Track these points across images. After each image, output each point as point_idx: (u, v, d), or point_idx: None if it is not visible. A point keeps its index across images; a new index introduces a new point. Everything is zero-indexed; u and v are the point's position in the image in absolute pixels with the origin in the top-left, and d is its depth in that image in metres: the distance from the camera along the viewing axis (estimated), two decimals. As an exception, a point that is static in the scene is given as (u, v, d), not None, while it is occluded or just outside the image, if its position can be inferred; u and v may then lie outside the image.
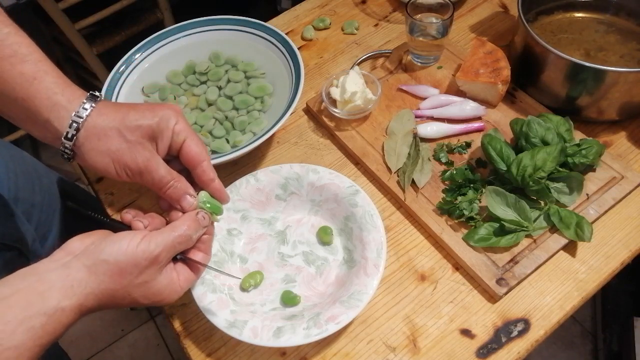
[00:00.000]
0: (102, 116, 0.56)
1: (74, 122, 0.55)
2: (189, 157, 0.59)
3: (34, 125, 0.56)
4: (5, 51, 0.53)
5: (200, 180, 0.59)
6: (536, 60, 0.79)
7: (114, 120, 0.56)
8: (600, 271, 0.68)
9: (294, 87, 0.79)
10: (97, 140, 0.55)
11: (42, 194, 0.89)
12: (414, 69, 0.89)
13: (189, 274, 0.57)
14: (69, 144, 0.55)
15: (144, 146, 0.56)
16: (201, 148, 0.59)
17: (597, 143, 0.72)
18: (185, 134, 0.58)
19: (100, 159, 0.56)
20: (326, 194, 0.72)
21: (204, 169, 0.59)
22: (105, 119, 0.56)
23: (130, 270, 0.51)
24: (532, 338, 0.64)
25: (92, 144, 0.55)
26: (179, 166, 0.60)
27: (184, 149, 0.58)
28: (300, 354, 0.65)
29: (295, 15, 1.04)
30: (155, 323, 1.59)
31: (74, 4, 1.47)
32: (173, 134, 0.58)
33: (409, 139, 0.80)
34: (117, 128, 0.56)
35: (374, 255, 0.65)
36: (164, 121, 0.57)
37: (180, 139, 0.58)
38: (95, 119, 0.56)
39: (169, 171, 0.57)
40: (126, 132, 0.56)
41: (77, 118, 0.55)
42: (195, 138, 0.59)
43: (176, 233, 0.54)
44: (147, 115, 0.57)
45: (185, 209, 0.58)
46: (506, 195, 0.69)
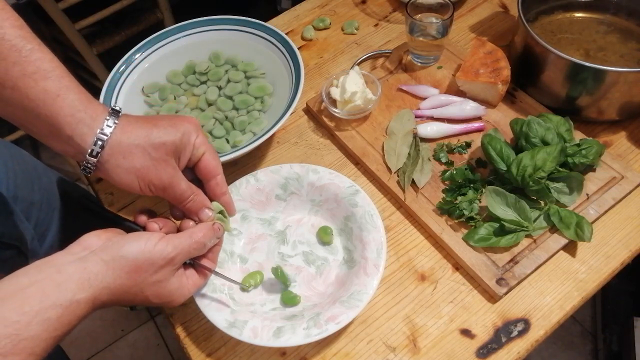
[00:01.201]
0: (126, 134, 0.56)
1: (98, 139, 0.55)
2: (206, 170, 0.62)
3: (57, 141, 0.56)
4: (29, 68, 0.53)
5: (214, 192, 0.63)
6: (536, 60, 0.79)
7: (138, 137, 0.56)
8: (600, 271, 0.68)
9: (294, 87, 0.79)
10: (122, 158, 0.56)
11: (42, 192, 0.89)
12: (414, 69, 0.89)
13: (197, 279, 0.60)
14: (93, 160, 0.56)
15: (168, 163, 0.58)
16: (217, 161, 0.62)
17: (597, 143, 0.72)
18: (205, 147, 0.61)
19: (125, 176, 0.57)
20: (326, 194, 0.72)
21: (218, 182, 0.62)
22: (130, 136, 0.56)
23: (146, 268, 0.52)
24: (532, 338, 0.64)
25: (117, 162, 0.56)
26: (191, 175, 0.62)
27: (202, 162, 0.61)
28: (300, 354, 0.65)
29: (295, 15, 1.04)
30: (155, 323, 1.59)
31: (74, 4, 1.47)
32: (194, 148, 0.60)
33: (409, 139, 0.80)
34: (142, 146, 0.56)
35: (374, 255, 0.65)
36: (186, 136, 0.59)
37: (199, 152, 0.61)
38: (120, 136, 0.56)
39: (189, 186, 0.60)
40: (151, 150, 0.56)
41: (101, 135, 0.55)
42: (212, 152, 0.62)
43: (193, 239, 0.56)
44: (170, 132, 0.58)
45: (202, 220, 0.61)
46: (506, 195, 0.69)
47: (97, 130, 0.55)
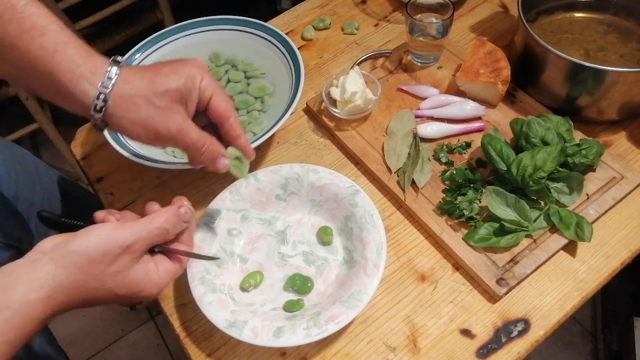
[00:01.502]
0: (128, 84, 0.55)
1: (100, 93, 0.53)
2: (216, 113, 0.59)
3: (63, 99, 0.55)
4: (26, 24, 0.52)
5: (228, 135, 0.60)
6: (536, 60, 0.79)
7: (141, 87, 0.55)
8: (600, 271, 0.68)
9: (294, 87, 0.79)
10: (126, 109, 0.55)
11: (43, 192, 0.89)
12: (414, 69, 0.89)
13: (170, 264, 0.56)
14: (99, 115, 0.54)
15: (175, 110, 0.56)
16: (228, 104, 0.59)
17: (597, 143, 0.72)
18: (212, 89, 0.58)
19: (131, 127, 0.55)
20: (326, 194, 0.72)
21: (231, 125, 0.59)
22: (132, 87, 0.55)
23: (100, 259, 0.49)
24: (532, 338, 0.64)
25: (121, 113, 0.55)
26: (204, 121, 0.60)
27: (212, 105, 0.58)
28: (300, 354, 0.65)
29: (295, 15, 1.04)
30: (155, 323, 1.59)
31: (74, 4, 1.47)
32: (200, 91, 0.57)
33: (409, 139, 0.80)
34: (145, 96, 0.55)
35: (374, 255, 0.65)
36: (190, 81, 0.56)
37: (207, 95, 0.58)
38: (122, 87, 0.54)
39: (201, 134, 0.57)
40: (154, 98, 0.55)
41: (103, 89, 0.54)
42: (221, 94, 0.59)
43: (153, 225, 0.53)
44: (173, 78, 0.56)
45: (219, 170, 0.59)
46: (506, 195, 0.69)
47: (98, 84, 0.54)
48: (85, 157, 0.88)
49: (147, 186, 0.82)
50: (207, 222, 0.70)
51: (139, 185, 0.82)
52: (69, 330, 1.59)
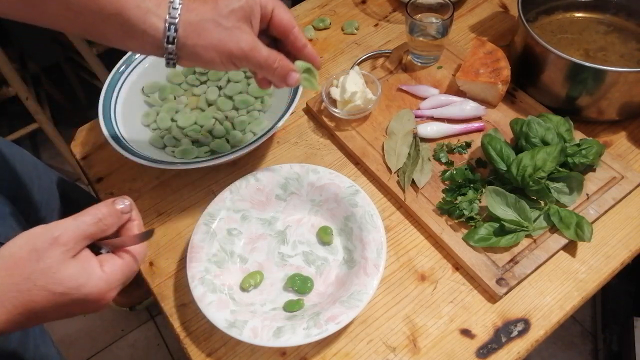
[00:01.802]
0: (194, 12, 0.56)
1: (170, 24, 0.55)
2: (280, 25, 0.60)
3: (132, 40, 0.57)
4: None
5: (294, 46, 0.61)
6: (536, 60, 0.79)
7: (206, 12, 0.56)
8: (600, 271, 0.68)
9: (294, 87, 0.79)
10: (198, 36, 0.56)
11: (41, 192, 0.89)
12: (414, 69, 0.89)
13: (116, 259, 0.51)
14: (172, 47, 0.56)
15: (243, 29, 0.57)
16: (289, 15, 0.60)
17: (597, 143, 0.72)
18: (273, 3, 0.59)
19: (205, 54, 0.57)
20: (326, 194, 0.72)
21: (296, 35, 0.61)
22: (198, 13, 0.56)
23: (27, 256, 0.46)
24: (532, 338, 0.64)
25: (193, 41, 0.56)
26: (266, 42, 0.61)
27: (275, 18, 0.60)
28: (300, 354, 0.65)
29: (295, 15, 1.04)
30: (155, 323, 1.59)
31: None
32: (261, 7, 0.58)
33: (409, 139, 0.80)
34: (212, 20, 0.56)
35: (374, 255, 0.65)
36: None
37: (268, 10, 0.59)
38: (188, 15, 0.56)
39: (270, 51, 0.59)
40: (222, 20, 0.56)
41: (171, 19, 0.55)
42: (282, 6, 0.60)
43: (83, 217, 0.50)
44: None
45: (291, 84, 0.61)
46: (506, 195, 0.69)
47: (165, 16, 0.55)
48: (85, 157, 0.88)
49: (147, 186, 0.82)
50: (207, 222, 0.70)
51: (139, 185, 0.82)
52: (69, 330, 1.59)
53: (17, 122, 1.76)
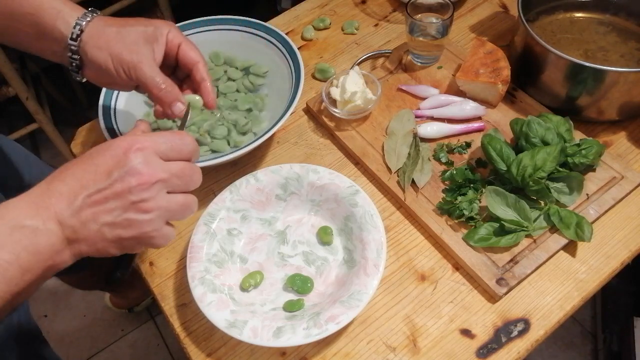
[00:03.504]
0: (101, 21, 0.62)
1: (77, 24, 0.61)
2: (185, 59, 0.64)
3: (41, 40, 0.62)
4: None
5: (194, 80, 0.64)
6: (536, 60, 0.79)
7: (113, 24, 0.62)
8: (600, 271, 0.68)
9: (294, 87, 0.79)
10: (98, 38, 0.61)
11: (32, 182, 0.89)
12: (414, 69, 0.89)
13: None
14: (74, 45, 0.61)
15: (141, 46, 0.61)
16: (196, 52, 0.64)
17: (597, 143, 0.72)
18: (180, 39, 0.64)
19: (99, 54, 0.61)
20: (326, 194, 0.72)
21: (199, 69, 0.64)
22: (105, 24, 0.62)
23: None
24: (532, 338, 0.64)
25: (93, 41, 0.61)
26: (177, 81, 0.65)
27: (180, 53, 0.64)
28: (300, 354, 0.65)
29: (295, 15, 1.04)
30: (155, 323, 1.59)
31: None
32: (167, 40, 0.63)
33: (409, 139, 0.80)
34: (117, 31, 0.61)
35: (374, 255, 0.65)
36: (159, 29, 0.62)
37: (174, 43, 0.63)
38: (96, 22, 0.62)
39: (160, 74, 0.61)
40: (125, 34, 0.61)
41: (80, 21, 0.61)
42: (190, 44, 0.64)
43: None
44: (143, 23, 0.63)
45: (175, 113, 0.62)
46: (506, 195, 0.69)
47: (77, 17, 0.61)
48: (85, 157, 0.88)
49: (147, 186, 0.82)
50: (207, 222, 0.70)
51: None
52: (69, 330, 1.59)
53: (17, 122, 1.76)
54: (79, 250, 0.48)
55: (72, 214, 0.46)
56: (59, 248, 0.46)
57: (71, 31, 0.60)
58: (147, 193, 0.48)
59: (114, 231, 0.48)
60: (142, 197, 0.47)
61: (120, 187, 0.47)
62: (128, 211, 0.47)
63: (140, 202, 0.47)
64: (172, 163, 0.50)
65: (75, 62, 0.62)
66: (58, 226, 0.46)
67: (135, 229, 0.48)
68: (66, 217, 0.46)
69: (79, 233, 0.47)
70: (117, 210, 0.47)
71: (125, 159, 0.47)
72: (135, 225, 0.48)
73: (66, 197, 0.47)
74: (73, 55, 0.62)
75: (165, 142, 0.50)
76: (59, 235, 0.46)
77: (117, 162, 0.47)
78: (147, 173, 0.47)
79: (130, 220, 0.48)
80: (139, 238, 0.49)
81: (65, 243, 0.47)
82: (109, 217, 0.47)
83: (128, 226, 0.48)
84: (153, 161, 0.48)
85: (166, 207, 0.49)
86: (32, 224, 0.45)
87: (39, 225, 0.45)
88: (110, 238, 0.48)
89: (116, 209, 0.47)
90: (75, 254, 0.48)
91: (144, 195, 0.47)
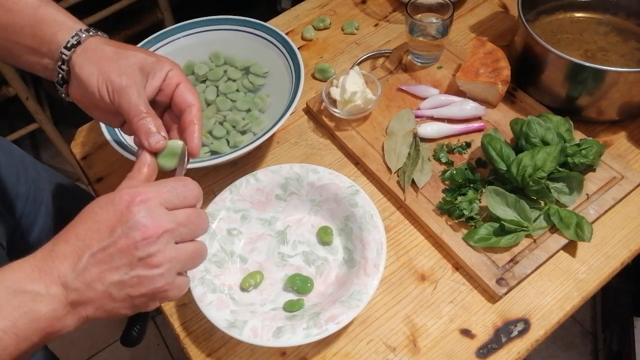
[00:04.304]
0: (103, 40, 0.58)
1: (77, 34, 0.57)
2: (180, 100, 0.58)
3: (36, 52, 0.58)
4: None
5: (184, 121, 0.57)
6: (536, 60, 0.79)
7: (114, 45, 0.58)
8: (600, 271, 0.68)
9: (294, 87, 0.79)
10: (93, 52, 0.57)
11: (27, 185, 0.89)
12: (414, 69, 0.89)
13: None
14: (67, 53, 0.56)
15: (134, 71, 0.56)
16: (195, 95, 0.58)
17: (597, 143, 0.72)
18: (180, 79, 0.58)
19: (87, 67, 0.56)
20: (326, 194, 0.72)
21: (192, 112, 0.57)
22: (106, 43, 0.58)
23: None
24: (532, 338, 0.64)
25: (86, 54, 0.57)
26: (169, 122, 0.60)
27: (177, 92, 0.58)
28: (300, 354, 0.65)
29: (295, 15, 1.04)
30: (155, 323, 1.59)
31: (74, 4, 1.47)
32: (167, 76, 0.58)
33: (409, 139, 0.80)
34: (115, 50, 0.57)
35: (374, 255, 0.65)
36: (160, 63, 0.58)
37: (173, 81, 0.58)
38: (97, 39, 0.58)
39: (146, 104, 0.55)
40: (122, 56, 0.56)
41: (81, 33, 0.57)
42: (190, 85, 0.59)
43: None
44: (146, 52, 0.58)
45: (152, 145, 0.54)
46: (506, 195, 0.69)
47: (77, 29, 0.57)
48: (85, 157, 0.88)
49: (147, 186, 0.82)
50: (207, 222, 0.70)
51: (139, 185, 0.82)
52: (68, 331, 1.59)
53: (17, 122, 1.76)
54: (84, 314, 0.46)
55: (76, 276, 0.44)
56: (60, 314, 0.44)
57: (68, 40, 0.57)
58: (154, 246, 0.45)
59: (123, 290, 0.45)
60: (149, 252, 0.45)
61: (125, 243, 0.45)
62: (136, 268, 0.45)
63: (147, 257, 0.45)
64: (178, 211, 0.48)
65: (62, 74, 0.58)
66: (62, 290, 0.44)
67: (146, 285, 0.46)
68: (70, 279, 0.44)
69: (84, 295, 0.45)
70: (124, 268, 0.45)
71: (128, 214, 0.45)
72: (145, 282, 0.46)
73: (70, 259, 0.45)
74: (62, 65, 0.57)
75: (169, 190, 0.48)
76: (61, 300, 0.44)
77: (120, 217, 0.45)
78: (152, 225, 0.45)
79: (140, 277, 0.45)
80: (150, 295, 0.47)
81: (68, 308, 0.45)
82: (116, 276, 0.45)
83: (138, 284, 0.46)
84: (157, 212, 0.46)
85: (176, 259, 0.47)
86: (33, 288, 0.43)
87: (40, 290, 0.43)
88: (120, 298, 0.46)
89: (123, 266, 0.45)
90: (81, 318, 0.46)
91: (150, 249, 0.45)
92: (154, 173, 0.54)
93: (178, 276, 0.48)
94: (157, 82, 0.58)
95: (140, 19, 1.71)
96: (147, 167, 0.53)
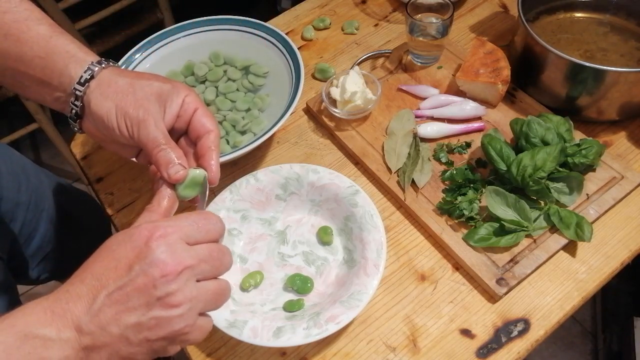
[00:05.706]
0: (116, 71, 0.56)
1: (89, 69, 0.55)
2: (197, 125, 0.56)
3: (46, 84, 0.56)
4: (21, 15, 0.56)
5: (202, 147, 0.55)
6: (536, 60, 0.79)
7: (128, 76, 0.56)
8: (600, 271, 0.68)
9: (294, 87, 0.79)
10: (107, 86, 0.55)
11: (29, 193, 0.88)
12: (414, 69, 0.89)
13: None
14: (80, 89, 0.54)
15: (150, 102, 0.54)
16: (212, 121, 0.56)
17: (597, 143, 0.72)
18: (198, 104, 0.56)
19: (104, 103, 0.54)
20: (326, 194, 0.72)
21: (210, 138, 0.55)
22: (119, 74, 0.56)
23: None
24: (532, 338, 0.64)
25: (101, 89, 0.55)
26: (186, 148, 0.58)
27: (195, 118, 0.56)
28: (300, 354, 0.65)
29: (295, 15, 1.04)
30: (155, 323, 1.58)
31: (74, 4, 1.47)
32: (183, 102, 0.56)
33: (409, 139, 0.80)
34: (129, 82, 0.55)
35: (374, 255, 0.65)
36: (176, 90, 0.56)
37: (190, 107, 0.56)
38: (110, 71, 0.56)
39: (164, 135, 0.54)
40: (137, 87, 0.54)
41: (93, 66, 0.55)
42: (207, 111, 0.57)
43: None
44: (161, 79, 0.56)
45: (171, 175, 0.52)
46: (506, 195, 0.69)
47: (89, 62, 0.55)
48: (85, 157, 0.88)
49: (147, 186, 0.82)
50: (207, 222, 0.70)
51: (139, 185, 0.82)
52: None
53: (17, 122, 1.76)
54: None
55: (91, 318, 0.42)
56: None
57: (81, 75, 0.54)
58: (174, 285, 0.42)
59: (140, 334, 0.42)
60: (168, 291, 0.42)
61: (142, 281, 0.42)
62: (154, 308, 0.42)
63: (166, 296, 0.42)
64: (199, 247, 0.45)
65: (75, 110, 0.56)
66: (75, 334, 0.42)
67: (165, 328, 0.43)
68: (84, 322, 0.42)
69: (98, 340, 0.42)
70: (142, 309, 0.42)
71: (147, 250, 0.43)
72: (164, 324, 0.43)
73: (85, 299, 0.42)
74: (75, 101, 0.55)
75: (190, 224, 0.45)
76: (74, 346, 0.42)
77: (139, 254, 0.43)
78: (172, 262, 0.42)
79: (158, 318, 0.42)
80: (170, 338, 0.44)
81: (81, 354, 0.42)
82: (133, 318, 0.42)
83: (156, 326, 0.43)
84: (178, 248, 0.43)
85: (197, 298, 0.44)
86: (45, 333, 0.41)
87: (52, 335, 0.41)
88: (137, 342, 0.43)
89: (140, 307, 0.42)
90: None
91: (170, 287, 0.42)
92: (174, 205, 0.52)
93: (199, 317, 0.45)
94: (175, 110, 0.55)
95: (140, 19, 1.71)
96: (167, 200, 0.51)
